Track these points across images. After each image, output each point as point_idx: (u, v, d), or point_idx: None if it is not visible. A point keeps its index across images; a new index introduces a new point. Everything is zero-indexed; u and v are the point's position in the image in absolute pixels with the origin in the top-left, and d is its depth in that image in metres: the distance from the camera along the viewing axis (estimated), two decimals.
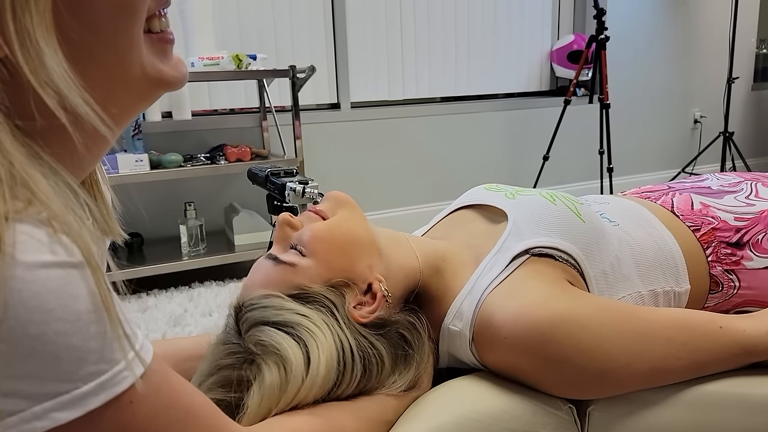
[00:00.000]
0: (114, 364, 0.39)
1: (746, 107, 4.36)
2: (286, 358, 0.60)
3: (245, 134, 2.74)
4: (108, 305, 0.38)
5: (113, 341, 0.38)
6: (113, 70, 0.42)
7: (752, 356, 0.73)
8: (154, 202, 2.60)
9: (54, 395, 0.36)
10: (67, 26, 0.38)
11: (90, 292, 0.37)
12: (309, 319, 0.64)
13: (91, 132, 0.41)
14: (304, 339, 0.62)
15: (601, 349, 0.67)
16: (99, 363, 0.38)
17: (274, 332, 0.62)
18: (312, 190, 1.15)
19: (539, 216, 0.80)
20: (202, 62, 2.28)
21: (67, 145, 0.42)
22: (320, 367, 0.61)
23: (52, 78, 0.37)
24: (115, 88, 0.43)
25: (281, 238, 0.74)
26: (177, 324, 1.98)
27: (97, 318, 0.38)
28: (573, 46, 3.42)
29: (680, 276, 0.84)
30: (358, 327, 0.67)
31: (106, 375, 0.38)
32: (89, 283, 0.37)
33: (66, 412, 0.37)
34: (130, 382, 0.40)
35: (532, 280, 0.72)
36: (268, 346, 0.62)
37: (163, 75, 0.46)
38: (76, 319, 0.36)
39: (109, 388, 0.38)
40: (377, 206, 3.14)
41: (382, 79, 3.16)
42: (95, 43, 0.40)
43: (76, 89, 0.38)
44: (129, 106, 0.46)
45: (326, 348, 0.62)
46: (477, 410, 0.67)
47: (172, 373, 0.46)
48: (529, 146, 3.48)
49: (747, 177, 0.99)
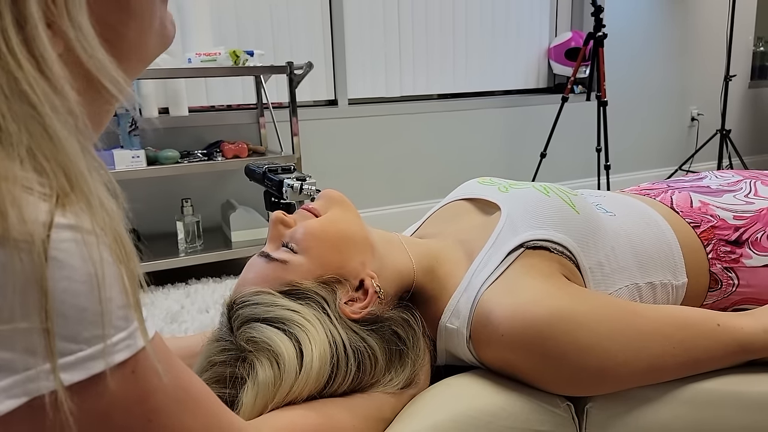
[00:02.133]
0: (119, 330, 0.38)
1: (743, 105, 4.36)
2: (278, 353, 0.60)
3: (242, 131, 2.73)
4: (122, 274, 0.38)
5: (120, 308, 0.38)
6: (138, 43, 0.44)
7: (749, 354, 0.73)
8: (151, 199, 2.59)
9: (59, 355, 0.36)
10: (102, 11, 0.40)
11: (106, 260, 0.37)
12: (300, 315, 0.64)
13: (125, 96, 0.43)
14: (296, 334, 0.62)
15: (598, 347, 0.67)
16: (105, 327, 0.37)
17: (266, 328, 0.62)
18: (309, 187, 1.14)
19: (533, 208, 0.79)
20: (199, 58, 2.27)
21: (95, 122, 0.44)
22: (314, 361, 0.61)
23: (104, 66, 0.39)
24: (134, 60, 0.45)
25: (274, 236, 0.74)
26: (174, 320, 1.97)
27: (108, 283, 0.37)
28: (571, 44, 3.42)
29: (678, 269, 0.84)
30: (350, 323, 0.67)
31: (111, 340, 0.38)
32: (105, 251, 0.37)
33: (69, 373, 0.36)
34: (134, 350, 0.39)
35: (527, 276, 0.72)
36: (260, 343, 0.61)
37: (167, 34, 0.48)
38: (87, 281, 0.36)
39: (113, 353, 0.38)
40: (375, 203, 3.13)
41: (380, 75, 3.15)
42: (126, 21, 0.42)
43: (117, 71, 0.40)
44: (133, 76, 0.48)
45: (318, 342, 0.62)
46: (475, 408, 0.67)
47: (175, 356, 0.46)
48: (526, 143, 3.48)
49: (746, 175, 0.99)
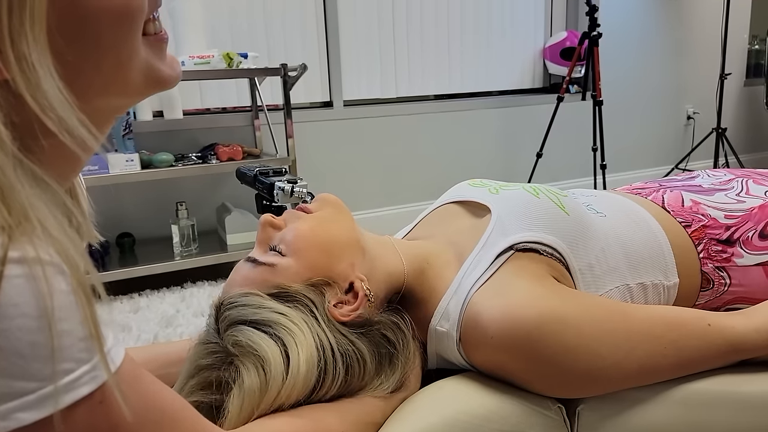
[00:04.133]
0: (82, 363, 0.38)
1: (739, 103, 4.36)
2: (264, 358, 0.60)
3: (237, 133, 2.73)
4: (81, 304, 0.38)
5: (81, 340, 0.38)
6: (115, 78, 0.43)
7: (741, 354, 0.73)
8: (146, 202, 2.59)
9: (18, 395, 0.35)
10: (63, 48, 0.39)
11: (60, 290, 0.37)
12: (287, 318, 0.63)
13: (81, 147, 0.41)
14: (282, 338, 0.61)
15: (588, 348, 0.66)
16: (66, 362, 0.37)
17: (252, 332, 0.62)
18: (301, 190, 1.14)
19: (523, 210, 0.79)
20: (192, 61, 2.26)
21: (58, 158, 0.43)
22: (300, 365, 0.60)
23: (50, 102, 0.38)
24: (114, 95, 0.44)
25: (262, 240, 0.73)
26: (169, 324, 1.96)
27: (65, 316, 0.37)
28: (566, 43, 3.42)
29: (669, 269, 0.84)
30: (338, 326, 0.66)
31: (74, 374, 0.37)
32: (59, 281, 0.37)
33: (30, 412, 0.36)
34: (100, 381, 0.39)
35: (517, 278, 0.72)
36: (245, 347, 0.61)
37: (161, 75, 0.47)
38: (41, 315, 0.36)
39: (76, 388, 0.37)
40: (371, 205, 3.13)
41: (375, 76, 3.14)
42: (98, 57, 0.41)
43: (73, 112, 0.39)
44: (120, 109, 0.47)
45: (305, 346, 0.61)
46: (465, 411, 0.67)
47: (148, 375, 0.45)
48: (522, 144, 3.48)
49: (738, 174, 0.99)
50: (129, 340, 1.87)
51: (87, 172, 2.11)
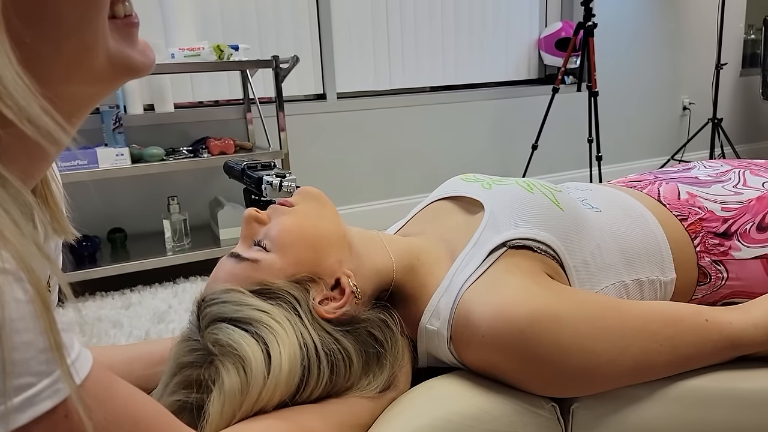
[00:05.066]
0: (43, 376, 0.36)
1: (735, 93, 4.35)
2: (244, 358, 0.58)
3: (229, 126, 2.70)
4: (39, 313, 0.35)
5: (42, 353, 0.35)
6: (78, 63, 0.40)
7: (738, 350, 0.71)
8: (137, 197, 2.56)
9: None
10: (21, 30, 0.36)
11: (14, 299, 0.34)
12: (269, 315, 0.61)
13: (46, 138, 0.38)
14: (264, 336, 0.59)
15: (582, 346, 0.64)
16: (25, 376, 0.35)
17: (232, 330, 0.60)
18: (289, 184, 1.12)
19: (516, 206, 0.77)
20: (182, 53, 2.23)
21: (21, 152, 0.39)
22: (282, 365, 0.58)
23: (6, 87, 0.35)
24: (78, 82, 0.41)
25: (246, 235, 0.71)
26: (161, 320, 1.94)
27: (23, 327, 0.34)
28: (561, 34, 3.39)
29: (666, 265, 0.82)
30: (323, 324, 0.64)
31: (34, 389, 0.35)
32: (14, 290, 0.34)
33: None
34: (63, 395, 0.37)
35: (509, 275, 0.70)
36: (225, 346, 0.59)
37: (130, 62, 0.43)
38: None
39: (37, 403, 0.35)
40: (365, 198, 3.11)
41: (369, 68, 3.11)
42: (59, 39, 0.38)
43: (34, 98, 0.36)
44: (90, 98, 0.44)
45: (288, 345, 0.59)
46: (456, 411, 0.65)
47: (120, 382, 0.43)
48: (517, 135, 3.46)
49: (735, 165, 0.97)
50: (120, 336, 1.85)
51: (76, 167, 2.08)
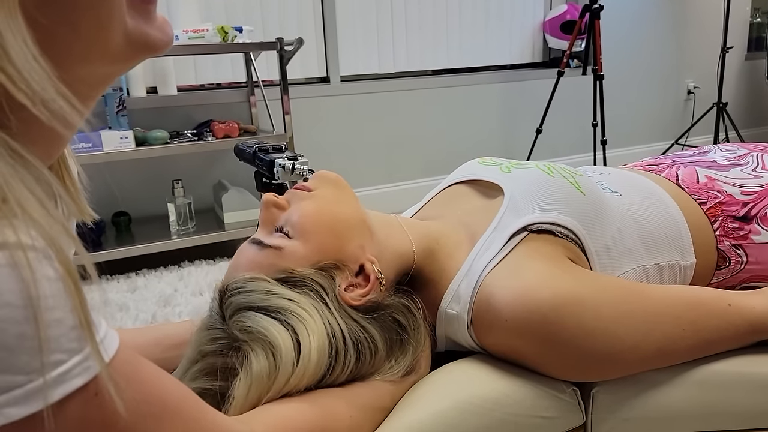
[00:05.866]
0: (74, 354, 0.35)
1: (740, 77, 4.32)
2: (274, 344, 0.57)
3: (233, 109, 2.68)
4: (69, 291, 0.35)
5: (72, 330, 0.35)
6: (96, 43, 0.39)
7: (761, 334, 0.71)
8: (141, 180, 2.55)
9: (5, 389, 0.33)
10: (36, 10, 0.35)
11: (46, 277, 0.34)
12: (297, 304, 0.61)
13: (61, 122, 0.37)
14: (293, 324, 0.59)
15: (606, 330, 0.64)
16: (56, 353, 0.34)
17: (261, 318, 0.59)
18: (302, 167, 1.11)
19: (537, 190, 0.76)
20: (186, 35, 2.21)
21: (37, 134, 0.39)
22: (312, 353, 0.58)
23: (20, 71, 0.34)
24: (96, 62, 0.40)
25: (266, 220, 0.70)
26: (167, 304, 1.94)
27: (53, 305, 0.34)
28: (566, 16, 3.35)
29: (686, 249, 0.81)
30: (350, 311, 0.64)
31: (65, 366, 0.35)
32: (44, 267, 0.34)
33: (19, 407, 0.33)
34: (93, 373, 0.36)
35: (531, 259, 0.69)
36: (254, 332, 0.58)
37: (149, 39, 0.42)
38: (27, 305, 0.33)
39: (68, 380, 0.35)
40: (369, 182, 3.09)
41: (373, 51, 3.08)
42: (75, 18, 0.37)
43: (50, 82, 0.35)
44: (106, 78, 0.43)
45: (317, 333, 0.59)
46: (478, 395, 0.65)
47: (146, 363, 0.43)
48: (522, 119, 3.44)
49: (751, 148, 0.96)
50: (127, 320, 1.85)
51: (80, 150, 2.07)
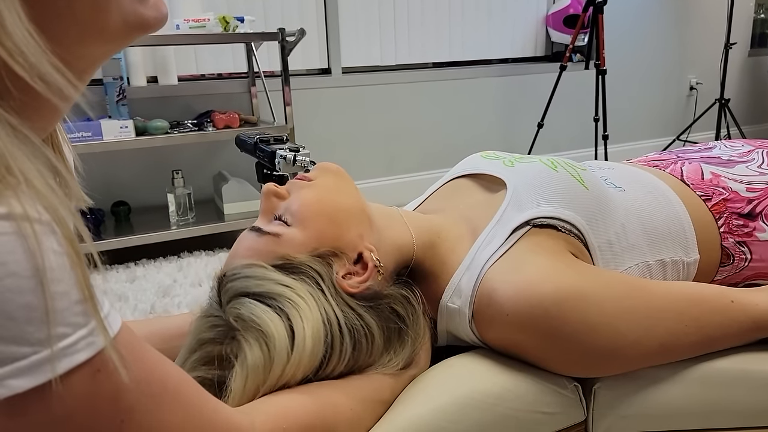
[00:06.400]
0: (78, 327, 0.35)
1: (742, 73, 4.30)
2: (267, 333, 0.57)
3: (233, 100, 2.67)
4: (74, 265, 0.35)
5: (77, 304, 0.35)
6: (91, 23, 0.39)
7: (764, 331, 0.70)
8: (141, 170, 2.54)
9: (10, 360, 0.32)
10: None
11: (52, 250, 0.34)
12: (293, 290, 0.60)
13: (57, 95, 0.37)
14: (287, 311, 0.58)
15: (608, 325, 0.64)
16: (61, 326, 0.34)
17: (255, 305, 0.59)
18: (303, 158, 1.10)
19: (540, 184, 0.76)
20: (187, 24, 2.19)
21: (33, 108, 0.38)
22: (306, 341, 0.57)
23: (17, 45, 0.34)
24: (92, 42, 0.40)
25: (266, 209, 0.70)
26: (166, 294, 1.94)
27: (59, 277, 0.34)
28: (569, 10, 3.34)
29: (689, 245, 0.81)
30: (346, 298, 0.63)
31: (70, 339, 0.34)
32: (50, 240, 0.34)
33: (24, 379, 0.33)
34: (98, 347, 0.36)
35: (533, 254, 0.69)
36: (248, 321, 0.58)
37: (143, 18, 0.42)
38: (34, 275, 0.32)
39: (73, 353, 0.35)
40: (369, 174, 3.09)
41: (374, 43, 3.07)
42: (71, 1, 0.37)
43: (45, 55, 0.35)
44: (103, 55, 0.43)
45: (311, 321, 0.58)
46: (479, 390, 0.65)
47: (148, 347, 0.42)
48: (523, 113, 3.43)
49: (756, 145, 0.96)
50: (126, 310, 1.85)
51: (80, 139, 2.06)
